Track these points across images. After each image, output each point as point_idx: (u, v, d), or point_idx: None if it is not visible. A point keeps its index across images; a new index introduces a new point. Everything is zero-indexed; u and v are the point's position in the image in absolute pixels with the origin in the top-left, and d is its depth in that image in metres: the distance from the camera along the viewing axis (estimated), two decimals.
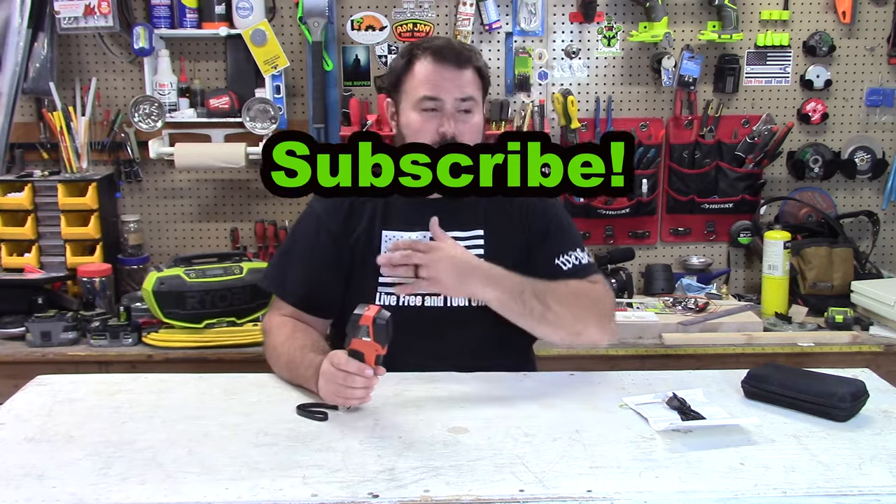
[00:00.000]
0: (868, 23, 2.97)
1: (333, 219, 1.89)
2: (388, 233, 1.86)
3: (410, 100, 1.82)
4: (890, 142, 3.06)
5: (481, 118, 1.86)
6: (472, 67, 1.83)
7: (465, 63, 1.82)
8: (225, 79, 2.93)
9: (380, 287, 1.84)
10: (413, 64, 1.83)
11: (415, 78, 1.82)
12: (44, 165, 2.92)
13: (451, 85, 1.80)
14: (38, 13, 2.78)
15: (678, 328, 2.55)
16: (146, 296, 2.42)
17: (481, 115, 1.86)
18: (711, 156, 2.98)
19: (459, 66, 1.81)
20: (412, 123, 1.82)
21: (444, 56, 1.80)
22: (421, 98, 1.80)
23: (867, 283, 2.71)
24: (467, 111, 1.82)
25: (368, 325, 1.49)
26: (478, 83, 1.85)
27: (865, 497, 1.26)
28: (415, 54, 1.83)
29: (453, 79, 1.80)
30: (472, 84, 1.82)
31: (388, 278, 1.81)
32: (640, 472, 1.33)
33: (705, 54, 2.95)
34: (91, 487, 1.28)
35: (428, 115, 1.80)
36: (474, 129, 1.83)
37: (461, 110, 1.81)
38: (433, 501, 1.25)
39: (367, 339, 1.50)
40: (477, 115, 1.84)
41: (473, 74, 1.83)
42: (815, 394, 1.55)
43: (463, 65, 1.81)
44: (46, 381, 1.74)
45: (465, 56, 1.83)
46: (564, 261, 1.86)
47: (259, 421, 1.53)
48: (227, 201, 3.03)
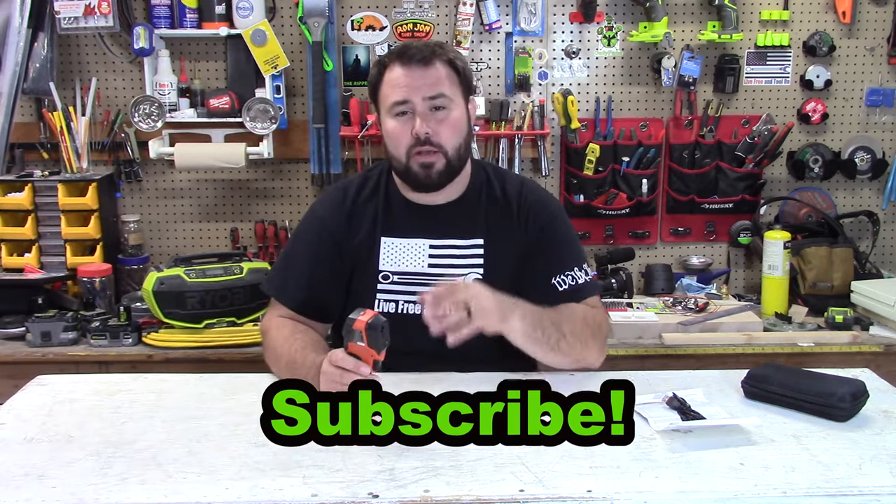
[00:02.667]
0: (868, 23, 2.97)
1: (336, 223, 1.89)
2: (387, 239, 1.86)
3: (385, 108, 1.82)
4: (890, 142, 3.06)
5: (461, 114, 1.82)
6: (441, 62, 1.79)
7: (429, 60, 1.78)
8: (225, 79, 2.93)
9: (379, 294, 1.84)
10: (384, 73, 1.82)
11: (386, 85, 1.81)
12: (44, 165, 2.92)
13: (418, 84, 1.77)
14: (38, 13, 2.78)
15: (678, 328, 2.55)
16: (146, 296, 2.42)
17: (461, 111, 1.83)
18: (711, 156, 2.98)
19: (425, 64, 1.78)
20: (389, 131, 1.81)
21: (408, 57, 1.78)
22: (392, 104, 1.79)
23: (867, 283, 2.71)
24: (441, 108, 1.79)
25: (361, 331, 1.50)
26: (451, 78, 1.81)
27: (865, 497, 1.26)
28: (384, 63, 1.83)
29: (420, 78, 1.77)
30: (442, 80, 1.79)
31: (386, 284, 1.83)
32: (640, 472, 1.33)
33: (705, 54, 2.95)
34: (91, 487, 1.28)
35: (402, 120, 1.79)
36: (452, 125, 1.80)
37: (434, 108, 1.78)
38: (433, 501, 1.25)
39: (362, 344, 1.51)
40: (455, 111, 1.81)
41: (445, 69, 1.80)
42: (815, 394, 1.55)
43: (428, 62, 1.78)
44: (46, 381, 1.75)
45: (430, 52, 1.79)
46: (560, 281, 1.85)
47: (259, 421, 1.53)
48: (227, 201, 3.03)
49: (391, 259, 1.86)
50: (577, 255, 1.92)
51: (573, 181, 2.97)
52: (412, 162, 1.79)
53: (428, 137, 1.76)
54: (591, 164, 2.94)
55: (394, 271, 1.86)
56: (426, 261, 1.86)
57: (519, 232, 1.88)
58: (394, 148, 1.81)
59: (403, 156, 1.80)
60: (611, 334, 2.37)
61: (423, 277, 1.85)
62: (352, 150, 2.90)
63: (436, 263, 1.86)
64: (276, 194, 3.03)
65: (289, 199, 3.02)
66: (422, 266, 1.86)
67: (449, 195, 1.88)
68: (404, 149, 1.79)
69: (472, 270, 1.85)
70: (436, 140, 1.77)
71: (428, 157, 1.78)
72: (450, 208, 1.89)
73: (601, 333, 1.84)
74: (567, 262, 1.87)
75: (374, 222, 1.87)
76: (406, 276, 1.86)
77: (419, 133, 1.76)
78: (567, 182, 2.99)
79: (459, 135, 1.81)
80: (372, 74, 1.87)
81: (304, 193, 3.02)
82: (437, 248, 1.87)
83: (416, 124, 1.77)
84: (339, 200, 1.91)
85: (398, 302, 1.84)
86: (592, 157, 2.93)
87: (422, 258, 1.86)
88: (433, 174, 1.80)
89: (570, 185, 2.98)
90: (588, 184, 2.96)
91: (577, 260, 1.89)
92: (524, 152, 2.95)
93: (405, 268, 1.86)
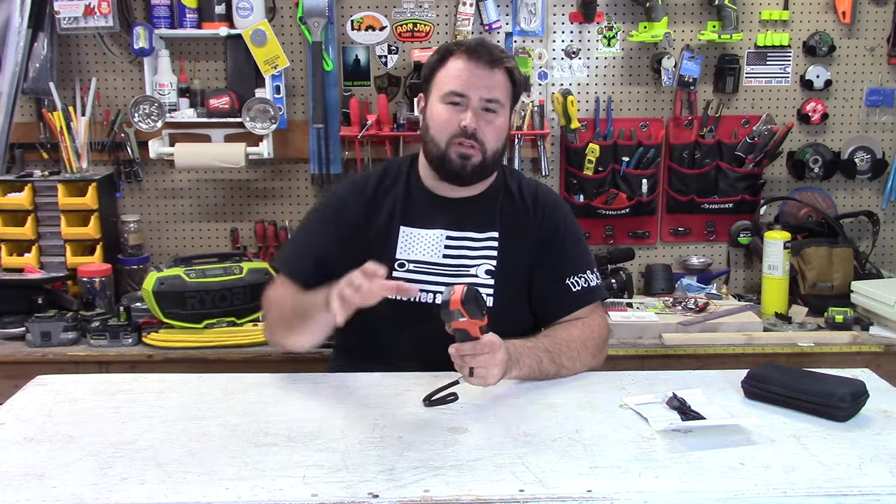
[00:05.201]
0: (868, 23, 2.97)
1: (356, 207, 1.93)
2: (406, 229, 1.91)
3: (439, 93, 1.86)
4: (890, 142, 3.05)
5: (506, 122, 1.89)
6: (503, 69, 1.86)
7: (496, 63, 1.84)
8: (225, 79, 2.93)
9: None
10: (447, 60, 1.87)
11: (446, 73, 1.86)
12: (44, 165, 2.92)
13: (479, 83, 1.83)
14: (38, 13, 2.78)
15: (678, 328, 2.55)
16: (146, 296, 2.42)
17: (506, 120, 1.89)
18: (711, 156, 2.98)
19: (491, 65, 1.84)
20: (437, 115, 1.86)
21: (477, 54, 1.84)
22: (448, 92, 1.84)
23: (867, 283, 2.71)
24: (492, 111, 1.85)
25: (459, 308, 1.53)
26: (507, 87, 1.87)
27: (865, 497, 1.26)
28: (450, 51, 1.87)
29: (482, 77, 1.83)
30: (500, 86, 1.85)
31: (402, 272, 1.87)
32: (640, 472, 1.33)
33: (705, 54, 2.95)
34: (91, 487, 1.28)
35: (453, 109, 1.84)
36: (497, 130, 1.86)
37: (486, 109, 1.84)
38: (433, 501, 1.25)
39: (464, 320, 1.54)
40: (501, 118, 1.87)
41: (504, 77, 1.86)
42: (815, 394, 1.55)
43: (494, 65, 1.84)
44: (46, 381, 1.74)
45: (497, 57, 1.86)
46: (574, 282, 1.90)
47: (259, 421, 1.53)
48: (227, 201, 3.03)
49: (408, 248, 1.90)
50: (590, 258, 1.99)
51: (573, 181, 2.97)
52: (451, 150, 1.84)
53: (474, 132, 1.82)
54: (591, 164, 2.94)
55: (409, 259, 1.90)
56: (441, 251, 1.90)
57: (533, 229, 1.93)
58: (437, 132, 1.86)
59: (444, 142, 1.85)
60: (611, 335, 2.37)
61: (437, 267, 1.90)
62: (352, 150, 2.90)
63: (451, 254, 1.91)
64: (276, 194, 3.03)
65: (289, 199, 3.02)
66: (437, 256, 1.90)
67: (472, 190, 1.94)
68: (447, 136, 1.84)
69: (486, 262, 1.90)
70: (480, 136, 1.83)
71: (468, 149, 1.83)
72: (469, 202, 1.94)
73: (601, 350, 1.89)
74: (580, 264, 1.93)
75: (393, 211, 1.92)
76: (421, 264, 1.90)
77: (468, 126, 1.82)
78: (567, 182, 2.98)
79: (500, 139, 1.88)
80: (433, 58, 1.91)
81: (304, 193, 3.02)
82: (453, 238, 1.91)
83: (466, 117, 1.82)
84: (361, 187, 1.97)
85: (408, 297, 1.84)
86: (592, 157, 2.93)
87: (438, 248, 1.91)
88: (469, 167, 1.85)
89: (570, 185, 2.98)
90: (588, 184, 2.96)
91: (590, 263, 1.96)
92: (524, 152, 2.95)
93: (421, 257, 1.90)
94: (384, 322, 1.82)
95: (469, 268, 1.90)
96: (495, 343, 1.61)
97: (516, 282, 1.91)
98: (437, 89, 1.87)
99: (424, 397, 1.61)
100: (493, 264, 1.90)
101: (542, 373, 1.74)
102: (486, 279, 1.88)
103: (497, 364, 1.61)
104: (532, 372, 1.72)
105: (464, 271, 1.89)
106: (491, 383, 1.61)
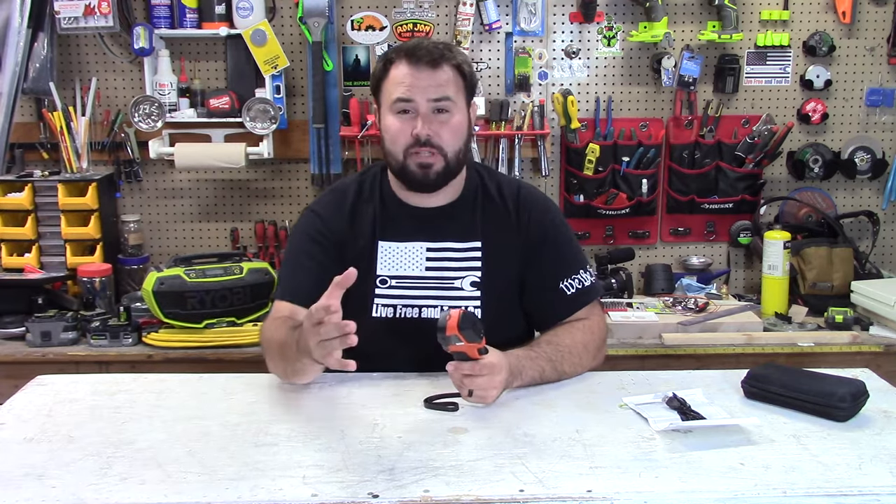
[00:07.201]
0: (868, 23, 2.97)
1: (338, 225, 1.86)
2: (384, 243, 1.85)
3: (387, 103, 1.80)
4: (890, 142, 3.05)
5: (462, 119, 1.81)
6: (449, 66, 1.78)
7: (438, 62, 1.77)
8: (225, 79, 2.93)
9: (376, 299, 1.82)
10: (389, 68, 1.80)
11: (390, 81, 1.79)
12: (44, 165, 2.92)
13: (424, 85, 1.76)
14: (38, 13, 2.78)
15: (678, 328, 2.55)
16: (146, 296, 2.42)
17: (463, 116, 1.81)
18: (711, 156, 2.98)
19: (433, 66, 1.76)
20: (389, 126, 1.80)
21: (417, 57, 1.77)
22: (395, 100, 1.77)
23: (867, 283, 2.71)
24: (444, 111, 1.78)
25: (456, 333, 1.51)
26: (457, 82, 1.80)
27: (865, 497, 1.26)
28: (390, 58, 1.81)
29: (427, 79, 1.76)
30: (448, 84, 1.78)
31: (384, 289, 1.82)
32: (639, 472, 1.33)
33: (705, 54, 2.95)
34: (91, 487, 1.28)
35: (403, 118, 1.78)
36: (453, 129, 1.79)
37: (437, 111, 1.77)
38: (433, 501, 1.25)
39: (461, 344, 1.52)
40: (456, 116, 1.79)
41: (452, 73, 1.79)
42: (815, 394, 1.55)
43: (437, 64, 1.77)
44: (46, 381, 1.74)
45: (439, 54, 1.78)
46: (568, 285, 1.85)
47: (259, 421, 1.53)
48: (227, 201, 3.03)
49: (389, 263, 1.84)
50: (581, 256, 1.92)
51: (573, 181, 2.97)
52: (409, 161, 1.78)
53: (429, 139, 1.76)
54: (591, 164, 2.94)
55: (391, 275, 1.84)
56: (423, 264, 1.84)
57: (517, 233, 1.87)
58: (391, 144, 1.80)
59: (401, 153, 1.78)
60: (610, 334, 2.37)
61: (420, 281, 1.84)
62: (352, 150, 2.90)
63: (433, 266, 1.84)
64: (275, 194, 3.03)
65: (289, 199, 3.03)
66: (419, 269, 1.84)
67: (445, 198, 1.87)
68: (402, 147, 1.78)
69: (470, 274, 1.84)
70: (436, 141, 1.76)
71: (427, 157, 1.77)
72: (446, 211, 1.87)
73: (601, 350, 1.86)
74: (573, 264, 1.88)
75: (373, 226, 1.86)
76: (403, 279, 1.84)
77: (420, 134, 1.75)
78: (567, 182, 2.99)
79: (460, 138, 1.81)
80: (377, 68, 1.85)
81: (303, 193, 3.02)
82: (434, 251, 1.85)
83: (417, 125, 1.76)
84: (339, 203, 1.90)
85: (395, 307, 1.82)
86: (592, 157, 2.93)
87: (419, 261, 1.84)
88: (431, 175, 1.78)
89: (570, 185, 2.98)
90: (588, 184, 2.96)
91: (582, 262, 1.90)
92: (524, 152, 2.95)
93: (402, 272, 1.84)
94: (378, 342, 1.74)
95: (453, 280, 1.83)
96: (496, 365, 1.57)
97: (504, 290, 1.86)
98: (385, 99, 1.80)
99: (425, 399, 1.60)
100: (479, 276, 1.83)
101: (544, 381, 1.71)
102: (472, 291, 1.82)
103: (496, 386, 1.58)
104: (534, 381, 1.70)
105: (448, 284, 1.83)
106: (490, 403, 1.59)
